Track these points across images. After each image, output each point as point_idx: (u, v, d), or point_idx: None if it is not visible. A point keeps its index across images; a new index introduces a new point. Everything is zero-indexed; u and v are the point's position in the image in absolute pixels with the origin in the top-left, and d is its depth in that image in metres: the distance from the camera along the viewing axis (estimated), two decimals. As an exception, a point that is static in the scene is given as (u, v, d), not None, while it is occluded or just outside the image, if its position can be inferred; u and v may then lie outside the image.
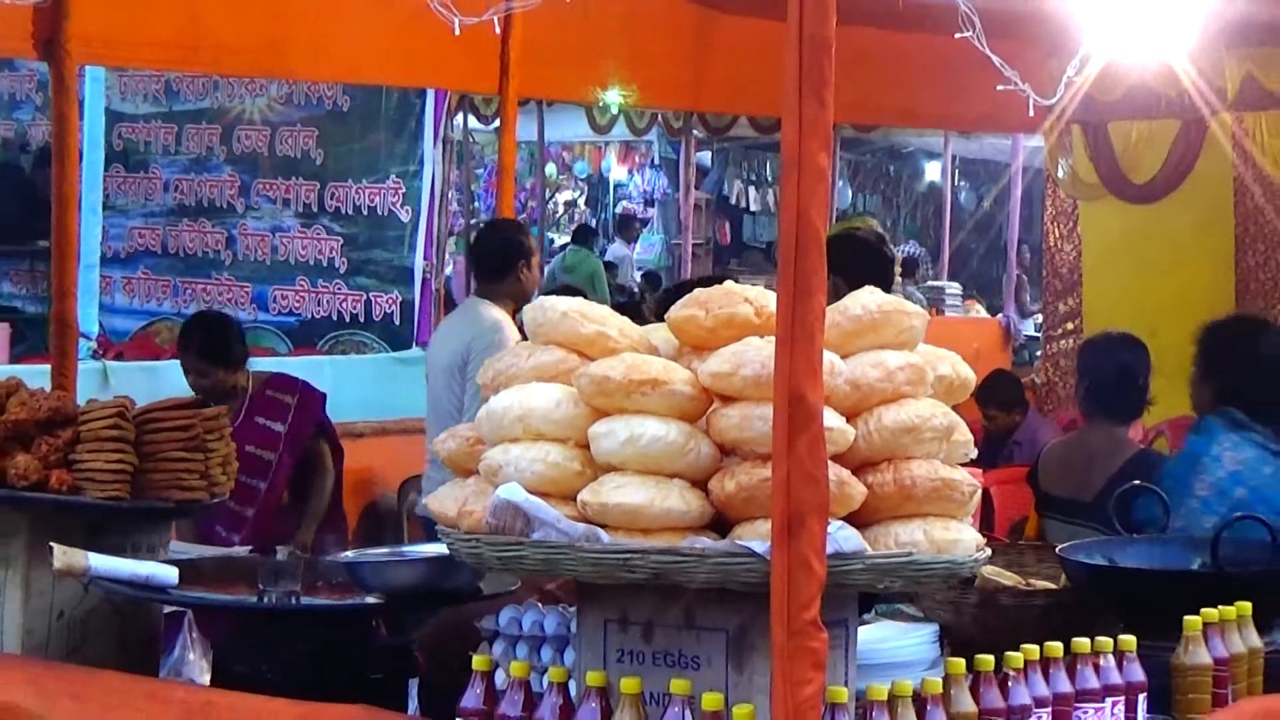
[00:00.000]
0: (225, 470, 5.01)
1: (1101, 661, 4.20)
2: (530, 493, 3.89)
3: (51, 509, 4.74)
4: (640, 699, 3.75)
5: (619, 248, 24.09)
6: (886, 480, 3.91)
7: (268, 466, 7.51)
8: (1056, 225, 14.86)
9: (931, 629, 4.60)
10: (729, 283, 4.10)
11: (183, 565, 4.80)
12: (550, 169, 24.38)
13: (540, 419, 3.97)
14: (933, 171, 26.05)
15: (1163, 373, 13.60)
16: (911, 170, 27.62)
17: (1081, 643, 4.19)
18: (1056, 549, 5.12)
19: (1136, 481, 5.84)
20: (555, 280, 19.25)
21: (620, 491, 3.83)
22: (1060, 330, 14.85)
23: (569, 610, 4.28)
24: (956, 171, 23.05)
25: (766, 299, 3.94)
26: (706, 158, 25.56)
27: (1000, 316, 18.19)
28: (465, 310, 8.64)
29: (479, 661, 4.02)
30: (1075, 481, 7.22)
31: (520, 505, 3.88)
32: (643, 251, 24.60)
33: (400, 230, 15.88)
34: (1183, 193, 13.69)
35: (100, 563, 4.60)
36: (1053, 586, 4.94)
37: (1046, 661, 4.10)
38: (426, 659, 4.66)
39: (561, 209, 26.08)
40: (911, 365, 4.00)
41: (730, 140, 22.64)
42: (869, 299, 4.07)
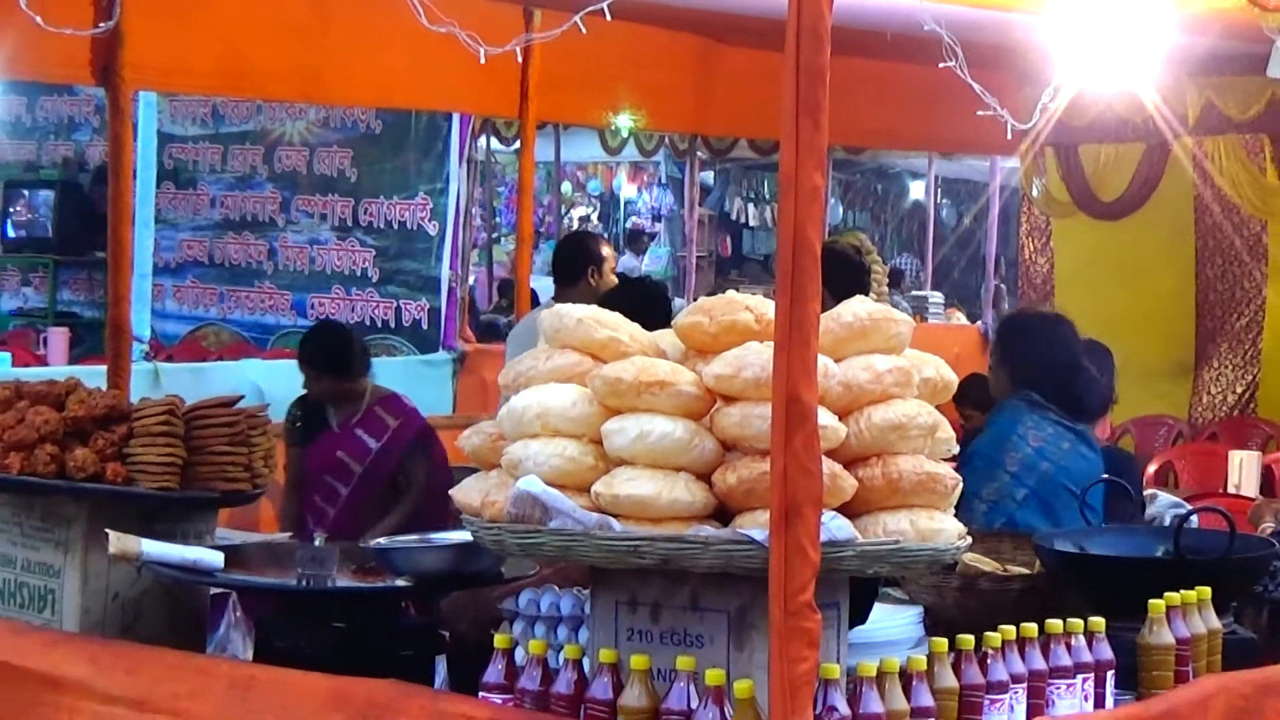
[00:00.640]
0: (267, 463, 5.01)
1: (1073, 641, 4.20)
2: (548, 485, 3.89)
3: (107, 498, 4.74)
4: (648, 674, 3.76)
5: (629, 259, 24.07)
6: (875, 474, 3.91)
7: (351, 476, 7.44)
8: (1031, 240, 14.87)
9: (916, 611, 4.60)
10: (731, 292, 4.11)
11: (228, 550, 4.81)
12: (566, 187, 24.38)
13: (557, 417, 3.97)
14: (917, 190, 26.01)
15: (1129, 376, 13.59)
16: (898, 189, 27.59)
17: (1054, 624, 4.18)
18: (1032, 538, 5.12)
19: (1106, 476, 5.83)
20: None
21: (631, 484, 3.83)
22: (1034, 336, 14.83)
23: (583, 592, 4.27)
24: (939, 190, 23.03)
25: (765, 307, 3.94)
26: (709, 177, 25.54)
27: (979, 323, 18.17)
28: (540, 312, 8.61)
29: (500, 640, 4.02)
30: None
31: (539, 496, 3.88)
32: (650, 263, 24.56)
33: (428, 243, 15.89)
34: (1147, 210, 13.70)
35: (152, 548, 4.60)
36: (1028, 572, 4.94)
37: (1022, 641, 4.09)
38: (452, 637, 4.65)
39: (576, 224, 26.05)
40: (899, 368, 4.00)
41: (731, 161, 22.62)
42: (860, 307, 4.07)
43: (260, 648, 4.68)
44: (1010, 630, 4.07)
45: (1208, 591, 4.60)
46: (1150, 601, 4.43)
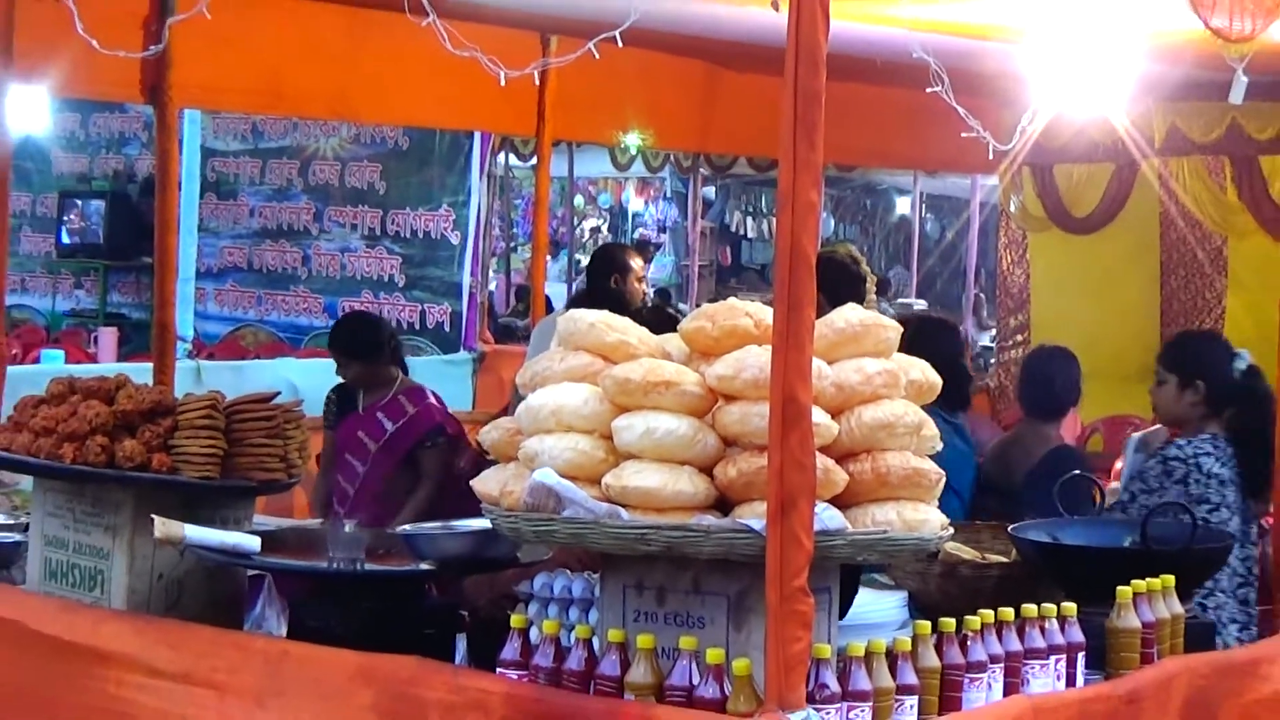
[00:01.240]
0: (301, 454, 5.01)
1: (1047, 625, 4.19)
2: (562, 476, 3.89)
3: (153, 487, 4.74)
4: (654, 653, 3.76)
5: (636, 268, 24.09)
6: (865, 469, 3.91)
7: (368, 454, 7.43)
8: (1008, 252, 14.85)
9: (902, 595, 4.60)
10: (731, 299, 4.11)
11: (264, 535, 4.81)
12: (578, 200, 24.40)
13: (570, 414, 3.97)
14: (903, 205, 26.01)
15: (1098, 378, 13.55)
16: (885, 204, 27.59)
17: (1030, 608, 4.18)
18: (1008, 528, 5.12)
19: (1077, 472, 5.83)
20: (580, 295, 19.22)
21: (638, 476, 3.83)
22: (1011, 342, 14.84)
23: (593, 577, 4.27)
24: (924, 206, 23.04)
25: (764, 313, 3.93)
26: (711, 192, 25.56)
27: (961, 329, 18.18)
28: (557, 316, 8.61)
29: (516, 620, 4.02)
30: (1007, 470, 7.22)
31: (553, 487, 3.88)
32: (656, 271, 24.56)
33: (451, 251, 15.90)
34: (1116, 226, 13.68)
35: (194, 532, 4.61)
36: (1005, 560, 4.93)
37: (1000, 624, 4.09)
38: (471, 617, 4.65)
39: (588, 235, 26.07)
40: (887, 371, 4.00)
41: (732, 177, 22.63)
42: (851, 314, 4.07)
43: (293, 626, 4.68)
44: (989, 614, 4.07)
45: (1171, 579, 4.60)
46: (1118, 588, 4.43)
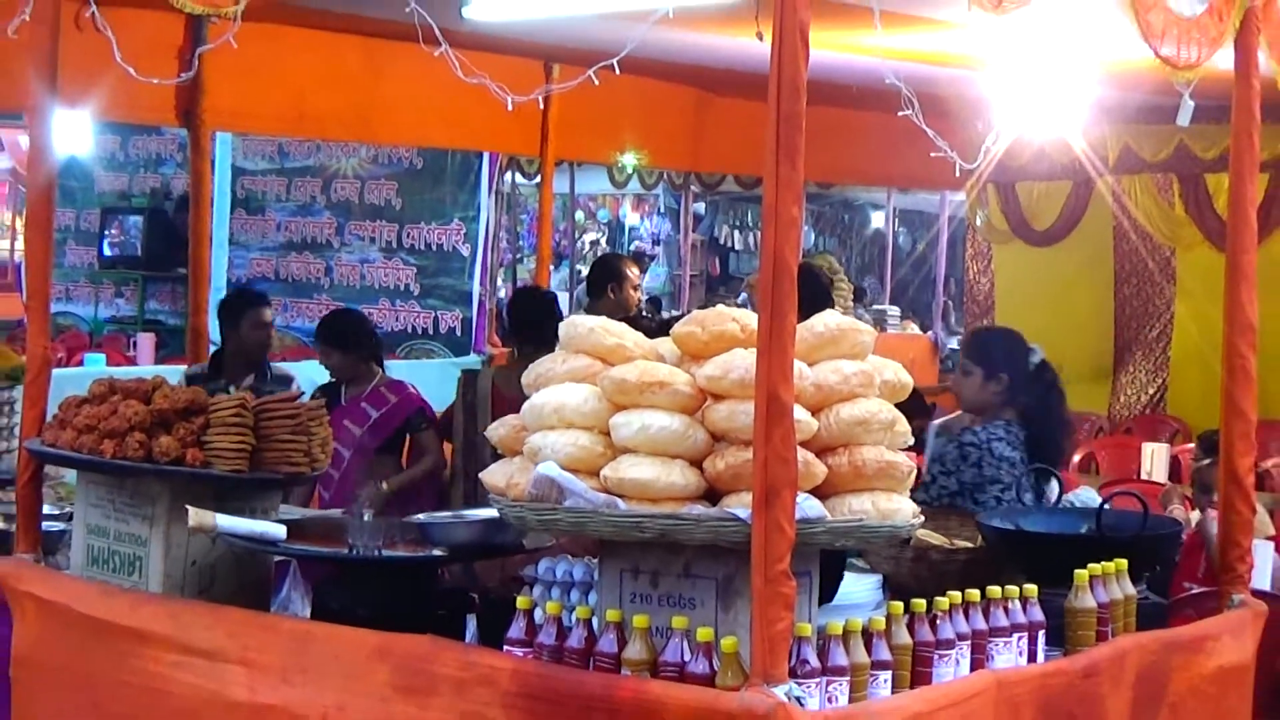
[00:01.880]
0: (324, 450, 5.00)
1: (1010, 605, 4.19)
2: (564, 469, 3.90)
3: (187, 480, 4.73)
4: (648, 632, 3.76)
5: (632, 277, 24.08)
6: (843, 462, 3.91)
7: (353, 439, 7.41)
8: (975, 263, 14.88)
9: (876, 578, 4.60)
10: (720, 306, 4.11)
11: (290, 524, 4.80)
12: (579, 215, 24.37)
13: (572, 411, 3.97)
14: (878, 220, 25.98)
15: (1061, 376, 13.51)
16: (861, 219, 27.54)
17: (994, 590, 4.18)
18: (975, 517, 5.12)
19: (1039, 464, 5.82)
20: (582, 302, 19.23)
21: (634, 469, 3.83)
22: (977, 345, 14.83)
23: (592, 562, 4.27)
24: (897, 220, 22.99)
25: (749, 319, 3.94)
26: (701, 207, 25.51)
27: (930, 334, 18.17)
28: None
29: (522, 602, 4.02)
30: None
31: (556, 479, 3.88)
32: (650, 281, 24.51)
33: (462, 262, 15.91)
34: (1074, 238, 13.72)
35: (225, 521, 4.60)
36: (971, 546, 4.93)
37: (967, 605, 4.09)
38: (480, 599, 4.64)
39: (588, 247, 26.02)
40: (863, 372, 4.00)
41: (720, 194, 22.59)
42: (830, 319, 4.07)
43: (317, 607, 4.67)
44: (957, 595, 4.07)
45: (1124, 563, 4.60)
46: (1075, 571, 4.44)
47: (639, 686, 3.66)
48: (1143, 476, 9.54)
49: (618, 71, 4.04)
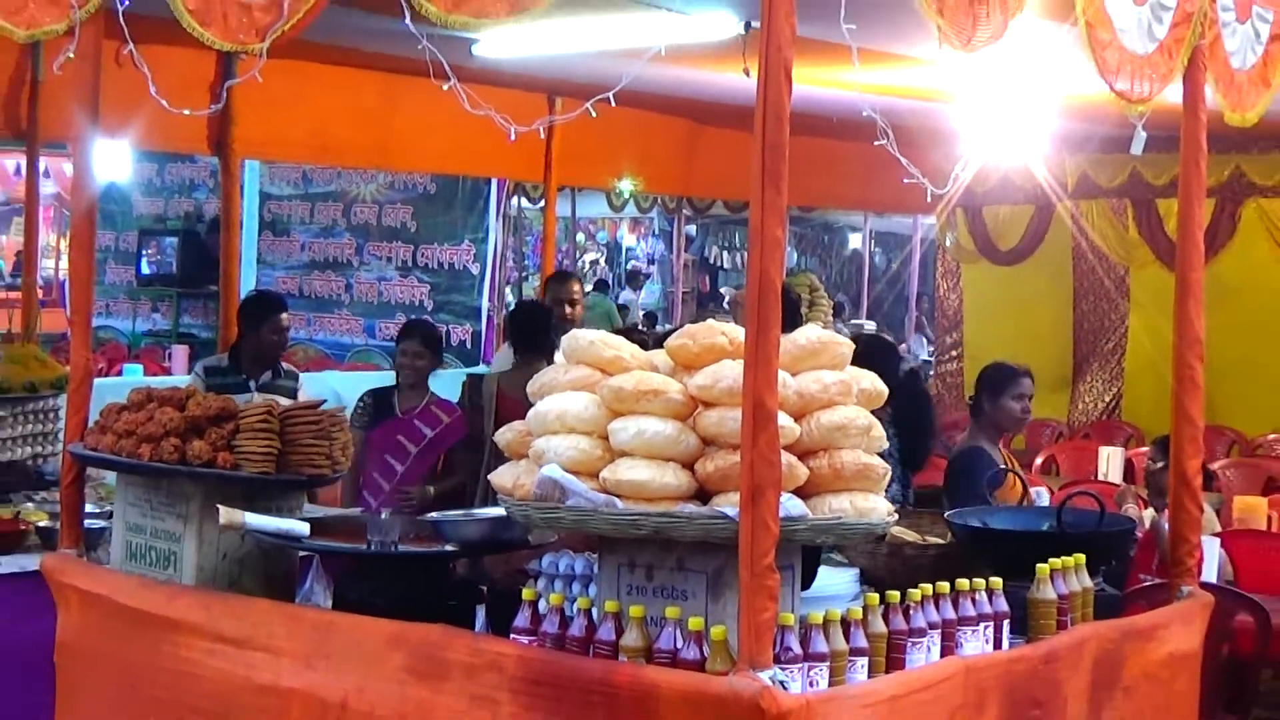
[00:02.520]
0: (344, 453, 4.99)
1: (977, 597, 4.19)
2: (566, 471, 3.89)
3: (218, 481, 4.73)
4: (644, 621, 3.75)
5: (628, 294, 24.10)
6: (823, 464, 3.91)
7: (407, 456, 7.26)
8: (945, 280, 14.89)
9: (854, 572, 4.59)
10: (710, 320, 4.11)
11: (313, 521, 4.80)
12: (580, 237, 24.39)
13: (573, 418, 3.97)
14: (855, 241, 26.01)
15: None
16: (840, 240, 27.58)
17: (963, 583, 4.18)
18: (945, 515, 5.11)
19: (1009, 468, 5.82)
20: (584, 317, 19.24)
21: (631, 471, 3.82)
22: (947, 356, 14.87)
23: (592, 556, 4.26)
24: (873, 241, 23.05)
25: (737, 332, 3.93)
26: (693, 229, 25.55)
27: (904, 346, 18.18)
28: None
29: (527, 594, 4.01)
30: None
31: (559, 480, 3.88)
32: (645, 297, 24.57)
33: (472, 280, 15.93)
34: (1036, 258, 13.74)
35: (253, 519, 4.60)
36: (942, 542, 4.92)
37: (937, 596, 4.08)
38: (489, 591, 4.64)
39: (588, 266, 26.05)
40: (841, 381, 4.00)
41: (710, 217, 22.64)
42: (811, 333, 4.08)
43: (338, 599, 4.67)
44: (928, 587, 4.07)
45: (1082, 558, 4.60)
46: (1037, 565, 4.43)
47: (635, 672, 3.66)
48: (1099, 478, 9.54)
49: (615, 104, 4.04)
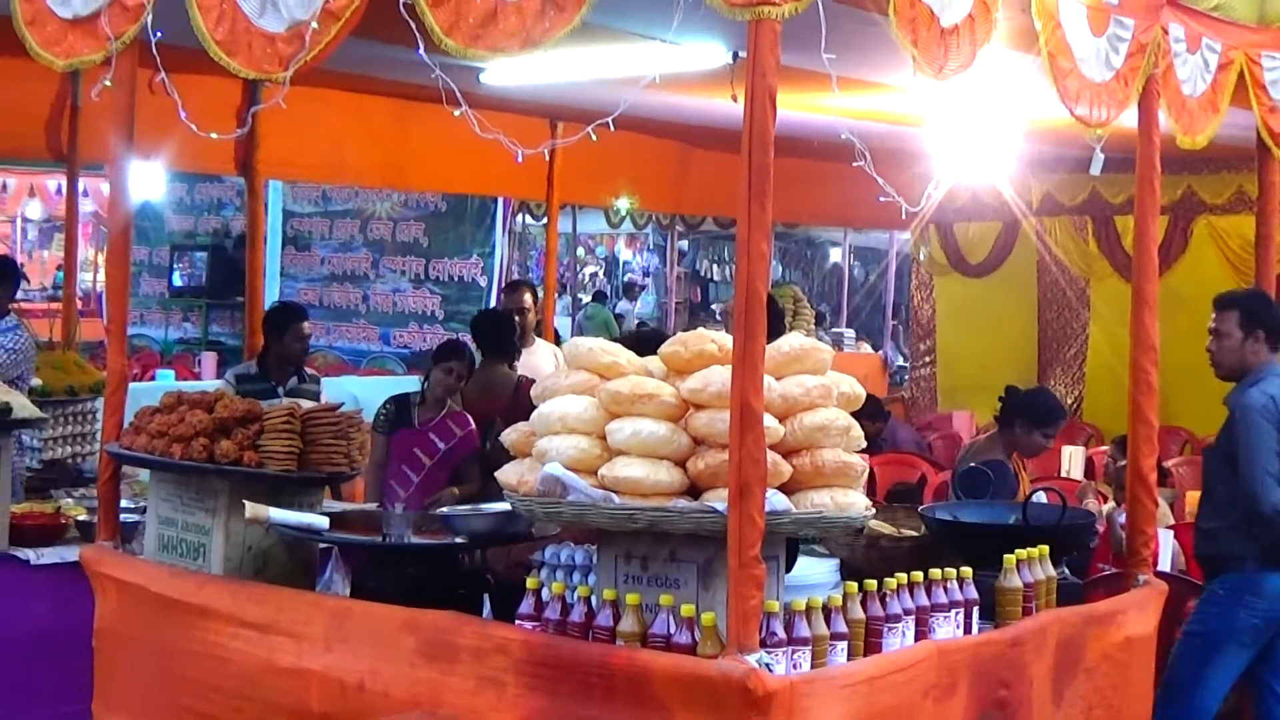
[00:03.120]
0: (361, 452, 4.99)
1: (948, 585, 4.19)
2: (566, 469, 3.89)
3: (244, 478, 4.73)
4: (639, 608, 3.76)
5: (625, 304, 24.09)
6: (805, 462, 3.91)
7: (422, 467, 7.15)
8: (919, 292, 14.89)
9: (834, 562, 4.59)
10: (700, 329, 4.12)
11: (332, 516, 4.80)
12: (580, 251, 24.37)
13: (574, 419, 3.97)
14: (836, 255, 25.99)
15: (989, 389, 13.52)
16: (822, 254, 27.56)
17: (935, 572, 4.18)
18: (918, 509, 5.12)
19: (973, 464, 5.82)
20: (583, 326, 19.27)
21: (627, 468, 3.83)
22: (921, 362, 14.87)
23: (591, 548, 4.26)
24: (852, 255, 23.02)
25: (726, 340, 3.93)
26: (685, 244, 25.54)
27: (881, 352, 18.19)
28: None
29: (531, 582, 4.02)
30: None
31: (560, 477, 3.88)
32: (641, 307, 24.54)
33: (480, 292, 15.91)
34: (1003, 271, 13.75)
35: (277, 514, 4.59)
36: (916, 534, 4.93)
37: (912, 585, 4.09)
38: (495, 580, 4.64)
39: (587, 278, 26.03)
40: (823, 385, 4.00)
41: (701, 233, 22.61)
42: (795, 340, 4.08)
43: (355, 587, 4.67)
44: (903, 577, 4.07)
45: (1046, 549, 4.61)
46: (1004, 556, 4.44)
47: (631, 655, 3.66)
48: (1062, 475, 9.53)
49: (613, 128, 4.04)
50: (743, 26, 3.50)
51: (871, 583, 3.99)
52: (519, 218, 17.58)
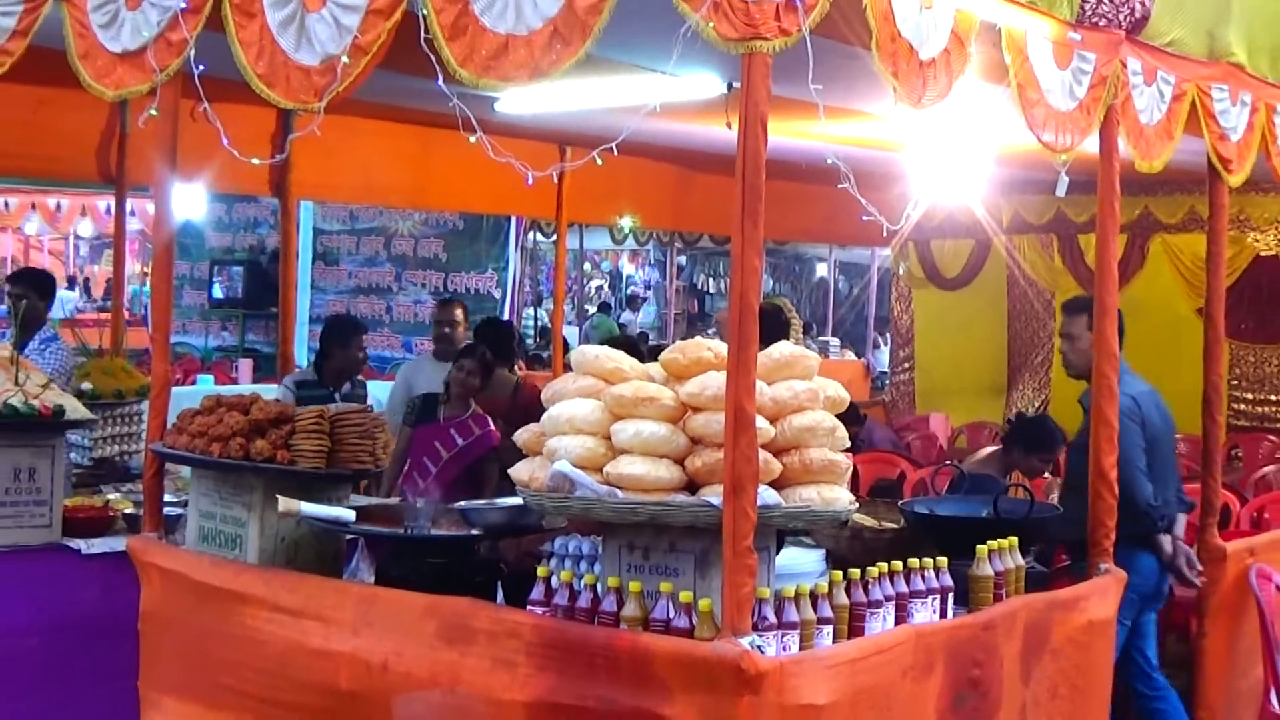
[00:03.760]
0: (384, 451, 4.98)
1: (926, 573, 4.19)
2: (574, 466, 3.89)
3: (277, 474, 4.72)
4: (641, 595, 3.75)
5: (628, 315, 24.11)
6: (794, 460, 3.91)
7: (440, 459, 7.11)
8: (899, 303, 14.88)
9: (820, 552, 4.59)
10: (697, 338, 4.12)
11: (359, 509, 4.79)
12: (586, 266, 24.40)
13: (581, 421, 3.97)
14: (822, 269, 26.01)
15: (963, 394, 13.53)
16: (809, 269, 27.58)
17: (914, 561, 4.18)
18: (898, 504, 5.11)
19: (952, 461, 5.80)
20: (589, 335, 19.27)
21: (630, 466, 3.82)
22: (901, 369, 14.85)
23: (597, 539, 4.26)
24: (837, 269, 23.04)
25: (721, 348, 3.93)
26: (683, 260, 25.55)
27: (864, 359, 18.19)
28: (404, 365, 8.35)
29: (541, 571, 4.01)
30: None
31: (568, 474, 3.88)
32: (643, 318, 24.56)
33: (494, 303, 15.94)
34: (976, 284, 13.74)
35: (308, 507, 4.59)
36: (895, 526, 4.93)
37: (892, 573, 4.08)
38: (508, 569, 4.64)
39: (593, 291, 26.06)
40: (810, 389, 4.00)
41: (698, 249, 22.64)
42: (784, 348, 4.08)
43: (379, 575, 4.66)
44: (884, 566, 4.07)
45: (1015, 540, 4.60)
46: (977, 547, 4.43)
47: (634, 638, 3.65)
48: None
49: (617, 153, 4.04)
50: (737, 59, 3.50)
51: (855, 571, 3.98)
52: (530, 235, 17.61)
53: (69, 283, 22.82)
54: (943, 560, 4.27)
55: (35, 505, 5.63)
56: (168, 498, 5.43)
